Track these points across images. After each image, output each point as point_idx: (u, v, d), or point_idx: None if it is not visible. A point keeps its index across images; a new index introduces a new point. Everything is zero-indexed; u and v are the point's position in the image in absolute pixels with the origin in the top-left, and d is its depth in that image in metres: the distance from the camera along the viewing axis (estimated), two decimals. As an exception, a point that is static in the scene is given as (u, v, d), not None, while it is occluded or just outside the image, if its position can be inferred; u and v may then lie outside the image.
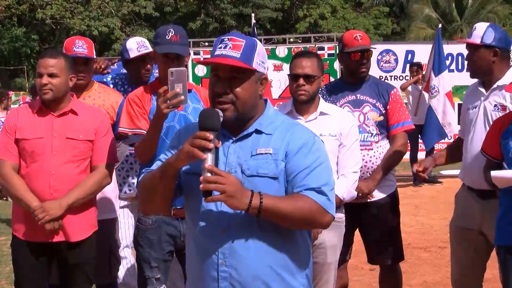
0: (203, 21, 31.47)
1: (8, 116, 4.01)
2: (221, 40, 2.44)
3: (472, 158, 4.01)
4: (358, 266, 6.33)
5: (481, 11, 33.27)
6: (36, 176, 3.76)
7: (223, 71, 2.41)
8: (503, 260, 3.70)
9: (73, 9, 27.98)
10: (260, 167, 2.40)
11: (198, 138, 2.27)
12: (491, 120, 3.95)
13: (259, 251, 2.39)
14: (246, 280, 2.39)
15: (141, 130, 3.64)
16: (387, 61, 13.26)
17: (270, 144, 2.43)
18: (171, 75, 3.23)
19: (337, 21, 31.92)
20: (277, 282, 2.43)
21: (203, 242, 2.44)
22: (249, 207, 2.27)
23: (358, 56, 4.39)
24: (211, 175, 2.24)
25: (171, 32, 3.64)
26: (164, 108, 3.33)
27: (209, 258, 2.42)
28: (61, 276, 3.97)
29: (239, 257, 2.38)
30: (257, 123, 2.48)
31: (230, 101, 2.39)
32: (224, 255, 2.39)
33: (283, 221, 2.36)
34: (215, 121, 2.33)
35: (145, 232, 3.76)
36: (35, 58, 28.82)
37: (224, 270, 2.39)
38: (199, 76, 12.91)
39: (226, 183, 2.24)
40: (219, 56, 2.40)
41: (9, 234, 4.18)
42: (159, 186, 2.44)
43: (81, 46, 4.40)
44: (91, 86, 4.53)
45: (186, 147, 2.29)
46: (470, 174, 4.05)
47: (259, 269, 2.39)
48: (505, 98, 3.97)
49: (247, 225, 2.38)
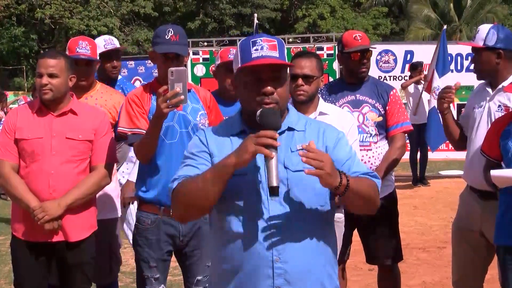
0: (202, 21, 31.48)
1: (8, 116, 4.01)
2: (254, 42, 2.45)
3: (474, 157, 4.01)
4: (357, 266, 6.33)
5: (480, 11, 33.31)
6: (36, 176, 3.76)
7: (266, 72, 2.42)
8: (502, 260, 3.71)
9: (72, 8, 27.99)
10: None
11: (264, 137, 2.28)
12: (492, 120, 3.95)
13: (310, 247, 2.43)
14: (300, 275, 2.41)
15: (141, 129, 3.64)
16: (386, 61, 13.24)
17: (306, 139, 2.46)
18: (171, 75, 3.22)
19: (336, 21, 31.93)
20: (326, 278, 2.49)
21: (254, 240, 2.41)
22: (339, 185, 2.32)
23: (358, 56, 4.39)
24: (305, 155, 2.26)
25: (170, 32, 3.64)
26: (164, 108, 3.33)
27: (262, 255, 2.40)
28: (60, 276, 3.97)
29: (293, 253, 2.40)
30: (287, 121, 2.52)
31: (275, 101, 2.42)
32: (278, 251, 2.40)
33: (359, 200, 2.44)
34: (278, 120, 2.37)
35: (144, 232, 3.76)
36: (34, 58, 28.83)
37: (279, 267, 2.40)
38: (198, 76, 12.91)
39: (324, 160, 2.28)
40: (261, 58, 2.41)
41: (8, 233, 4.18)
42: (212, 190, 2.37)
43: (84, 47, 4.39)
44: (94, 86, 4.52)
45: (252, 147, 2.27)
46: (472, 174, 4.05)
47: (311, 265, 2.44)
48: (510, 99, 3.96)
49: (297, 221, 2.41)
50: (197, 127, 3.74)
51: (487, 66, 4.02)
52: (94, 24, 27.99)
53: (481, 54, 4.00)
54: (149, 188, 3.72)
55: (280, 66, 2.43)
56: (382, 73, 13.06)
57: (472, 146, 4.06)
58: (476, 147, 3.99)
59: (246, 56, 2.44)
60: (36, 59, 3.85)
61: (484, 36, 3.97)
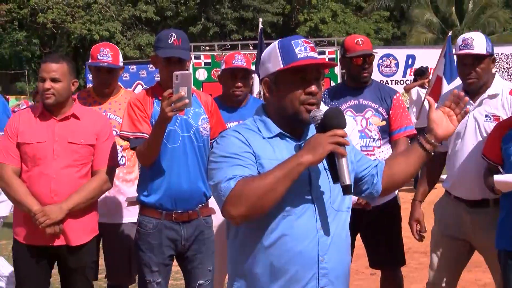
0: (203, 25, 31.52)
1: (10, 120, 4.01)
2: (296, 43, 2.45)
3: (462, 169, 3.96)
4: (359, 270, 6.32)
5: (481, 16, 33.34)
6: (37, 180, 3.76)
7: (311, 72, 2.43)
8: (504, 265, 3.70)
9: (74, 13, 28.04)
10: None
11: (338, 136, 2.31)
12: (483, 131, 3.91)
13: (345, 248, 2.52)
14: (340, 276, 2.48)
15: (143, 133, 3.64)
16: (387, 65, 13.26)
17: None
18: (176, 79, 3.22)
19: (337, 25, 31.97)
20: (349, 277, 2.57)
21: (299, 241, 2.40)
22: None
23: (360, 61, 4.38)
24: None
25: (173, 36, 3.64)
26: (169, 111, 3.33)
27: (307, 256, 2.41)
28: (61, 280, 3.98)
29: (335, 253, 2.44)
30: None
31: (319, 101, 2.46)
32: (323, 252, 2.41)
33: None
34: (345, 120, 2.38)
35: (146, 236, 3.76)
36: (36, 62, 28.90)
37: (324, 267, 2.42)
38: (200, 80, 12.93)
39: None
40: (308, 58, 2.42)
41: (10, 238, 4.18)
42: (281, 189, 2.32)
43: (105, 55, 4.38)
44: (118, 92, 4.52)
45: (327, 145, 2.29)
46: (460, 185, 4.01)
47: (346, 266, 2.52)
48: (497, 108, 3.92)
49: (337, 223, 2.46)
50: (199, 132, 3.74)
51: (487, 73, 3.97)
52: (96, 29, 28.04)
53: (484, 61, 3.93)
54: (151, 192, 3.72)
55: (323, 67, 2.46)
56: (383, 77, 13.07)
57: (459, 157, 3.99)
58: (464, 158, 3.95)
59: (291, 56, 2.43)
60: (38, 63, 3.82)
61: (485, 43, 3.91)
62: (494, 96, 3.95)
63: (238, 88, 4.38)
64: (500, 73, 12.71)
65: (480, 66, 3.91)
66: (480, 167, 3.86)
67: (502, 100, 3.94)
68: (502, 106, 3.93)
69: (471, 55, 3.90)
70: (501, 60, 12.82)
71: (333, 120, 2.35)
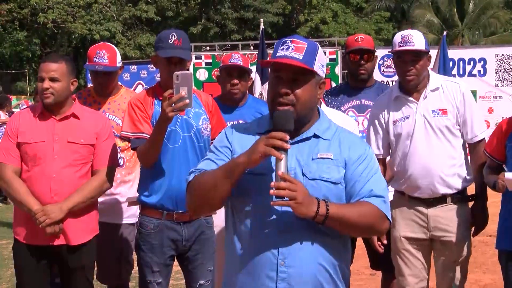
0: (204, 25, 31.51)
1: (10, 120, 4.01)
2: (283, 42, 2.45)
3: (419, 168, 3.90)
4: (359, 271, 6.32)
5: (482, 16, 33.35)
6: (37, 179, 3.76)
7: (285, 72, 2.42)
8: (505, 265, 3.70)
9: (75, 13, 28.02)
10: (322, 171, 2.42)
11: (274, 138, 2.28)
12: (434, 127, 3.88)
13: (317, 253, 2.42)
14: (303, 280, 2.40)
15: (144, 134, 3.64)
16: (388, 66, 13.25)
17: (330, 149, 2.46)
18: (177, 79, 3.22)
19: (338, 26, 31.93)
20: (330, 285, 2.46)
21: (261, 243, 2.42)
22: (316, 215, 2.29)
23: (357, 58, 4.41)
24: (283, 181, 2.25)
25: (173, 37, 3.64)
26: (169, 112, 3.33)
27: (266, 258, 2.40)
28: (61, 279, 3.98)
29: (298, 258, 2.39)
30: (314, 127, 2.50)
31: (291, 103, 2.41)
32: (283, 255, 2.39)
33: (347, 228, 2.39)
34: (289, 123, 2.35)
35: (147, 237, 3.76)
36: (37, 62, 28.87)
37: (283, 271, 2.39)
38: (201, 80, 12.92)
39: (297, 190, 2.25)
40: (282, 57, 2.41)
41: (10, 237, 4.18)
42: (222, 186, 2.39)
43: (102, 57, 4.34)
44: (118, 91, 4.50)
45: (261, 147, 2.29)
46: (417, 185, 3.93)
47: (316, 270, 2.42)
48: (441, 101, 3.89)
49: (305, 227, 2.39)
50: (199, 132, 3.74)
51: (425, 70, 3.94)
52: (97, 29, 28.02)
53: (422, 58, 3.89)
54: (152, 193, 3.72)
55: (301, 68, 2.40)
56: (384, 78, 13.06)
57: (412, 157, 3.92)
58: (419, 158, 3.89)
59: (273, 54, 2.46)
60: (39, 63, 3.82)
61: (423, 40, 3.88)
62: (435, 90, 3.93)
63: (234, 86, 4.37)
64: (500, 74, 12.71)
65: (419, 63, 3.88)
66: (439, 163, 3.84)
67: (445, 93, 3.92)
68: (446, 99, 3.91)
69: (411, 51, 3.86)
70: (501, 61, 12.82)
71: (275, 121, 2.35)
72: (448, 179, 3.89)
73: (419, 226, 3.99)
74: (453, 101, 3.90)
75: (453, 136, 3.90)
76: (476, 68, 12.78)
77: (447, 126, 3.88)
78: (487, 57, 12.81)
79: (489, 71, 12.71)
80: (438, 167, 3.87)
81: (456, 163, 3.91)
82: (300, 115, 2.43)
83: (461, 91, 3.91)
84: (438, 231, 3.95)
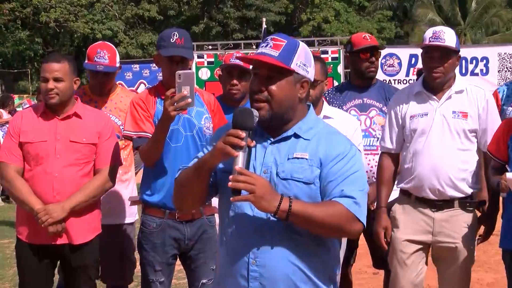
0: (206, 24, 31.54)
1: (13, 119, 4.02)
2: (265, 39, 2.46)
3: (430, 168, 3.83)
4: (362, 269, 6.32)
5: (484, 15, 33.32)
6: (40, 179, 3.76)
7: (261, 69, 2.42)
8: (509, 264, 3.69)
9: (77, 12, 28.08)
10: (294, 171, 2.40)
11: (230, 136, 2.29)
12: (452, 128, 3.81)
13: (290, 253, 2.40)
14: (276, 280, 2.40)
15: (146, 133, 3.64)
16: (390, 65, 13.24)
17: (307, 149, 2.43)
18: (179, 78, 3.22)
19: (340, 24, 31.94)
20: (307, 286, 2.44)
21: (235, 241, 2.45)
22: (277, 210, 2.28)
23: (367, 55, 4.38)
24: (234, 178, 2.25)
25: (175, 35, 3.64)
26: (172, 111, 3.33)
27: (240, 257, 2.42)
28: (64, 279, 3.98)
29: (270, 257, 2.39)
30: (296, 127, 2.48)
31: (265, 100, 2.40)
32: (255, 254, 2.40)
33: (312, 227, 2.36)
34: (248, 120, 2.34)
35: (149, 236, 3.76)
36: (39, 61, 28.89)
37: (254, 270, 2.40)
38: (203, 79, 12.92)
39: (256, 184, 2.25)
40: (258, 54, 2.41)
41: (13, 237, 4.19)
42: (194, 183, 2.45)
43: (102, 57, 4.33)
44: (114, 90, 4.50)
45: (219, 144, 2.31)
46: (425, 185, 3.86)
47: (289, 271, 2.40)
48: (464, 104, 3.82)
49: (280, 228, 2.38)
50: (202, 131, 3.74)
51: (453, 71, 3.86)
52: (99, 28, 28.07)
53: (452, 56, 3.81)
54: (154, 192, 3.72)
55: (276, 66, 2.38)
56: (386, 77, 13.05)
57: (424, 156, 3.85)
58: (430, 157, 3.82)
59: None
60: (41, 62, 3.78)
61: (454, 39, 3.81)
62: (460, 92, 3.85)
63: (234, 87, 4.34)
64: (503, 73, 12.70)
65: (448, 62, 3.79)
66: (451, 164, 3.79)
67: (469, 97, 3.85)
68: (470, 103, 3.84)
69: (441, 48, 3.77)
70: (504, 60, 12.80)
71: (234, 120, 2.35)
72: (458, 182, 3.80)
73: (423, 229, 3.90)
74: (475, 107, 3.82)
75: (468, 141, 3.82)
76: (479, 67, 12.77)
77: (464, 129, 3.80)
78: (489, 56, 12.80)
79: (492, 70, 12.70)
80: (448, 168, 3.79)
81: (468, 168, 3.82)
82: (275, 113, 2.41)
83: (485, 97, 3.85)
84: (443, 237, 3.87)
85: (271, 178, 2.39)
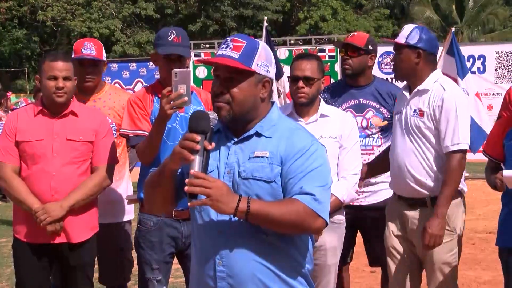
0: (203, 23, 31.47)
1: (8, 118, 4.00)
2: (225, 41, 2.46)
3: (396, 166, 3.90)
4: (359, 268, 6.32)
5: (481, 13, 33.33)
6: (37, 178, 3.76)
7: (222, 71, 2.42)
8: (506, 262, 3.70)
9: (74, 11, 28.00)
10: (255, 170, 2.40)
11: (186, 140, 2.30)
12: (409, 126, 3.82)
13: (256, 252, 2.40)
14: (243, 280, 2.40)
15: (143, 131, 3.64)
16: (388, 63, 13.24)
17: (268, 147, 2.43)
18: (175, 76, 3.22)
19: (337, 23, 31.90)
20: (276, 283, 2.43)
21: (202, 243, 2.47)
22: (236, 211, 2.28)
23: (342, 52, 4.43)
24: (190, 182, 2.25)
25: (173, 34, 3.64)
26: (168, 109, 3.33)
27: (207, 258, 2.44)
28: (62, 277, 3.98)
29: (236, 257, 2.39)
30: (258, 125, 2.47)
31: (226, 101, 2.40)
32: (221, 255, 2.40)
33: (273, 225, 2.35)
34: (203, 124, 2.34)
35: (146, 234, 3.76)
36: (36, 60, 28.85)
37: (221, 270, 2.41)
38: (200, 78, 12.92)
39: (212, 187, 2.25)
40: (218, 56, 2.42)
41: (10, 236, 4.18)
42: (158, 186, 2.48)
43: (89, 48, 4.34)
44: (101, 88, 4.46)
45: (176, 149, 2.32)
46: (397, 183, 3.94)
47: (256, 270, 2.40)
48: (423, 102, 3.82)
49: (244, 227, 2.38)
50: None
51: (406, 64, 3.88)
52: (96, 26, 27.99)
53: (402, 51, 3.87)
54: (151, 190, 3.71)
55: (235, 67, 2.38)
56: (384, 75, 13.02)
57: (394, 154, 3.93)
58: (396, 155, 3.88)
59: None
60: (38, 61, 3.76)
61: (407, 34, 3.85)
62: (424, 90, 3.84)
63: None
64: (500, 71, 12.69)
65: (398, 56, 3.90)
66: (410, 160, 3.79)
67: (430, 95, 3.82)
68: (429, 101, 3.81)
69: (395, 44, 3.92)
70: (501, 58, 12.79)
71: (189, 124, 2.35)
72: (422, 178, 3.79)
73: (402, 226, 3.95)
74: (432, 105, 3.79)
75: (425, 139, 3.80)
76: (476, 65, 12.75)
77: (419, 127, 3.79)
78: (486, 54, 12.78)
79: (489, 68, 12.68)
80: (409, 165, 3.81)
81: (429, 164, 3.79)
82: (237, 114, 2.42)
83: (442, 96, 3.78)
84: (413, 235, 3.88)
85: (233, 178, 2.40)
